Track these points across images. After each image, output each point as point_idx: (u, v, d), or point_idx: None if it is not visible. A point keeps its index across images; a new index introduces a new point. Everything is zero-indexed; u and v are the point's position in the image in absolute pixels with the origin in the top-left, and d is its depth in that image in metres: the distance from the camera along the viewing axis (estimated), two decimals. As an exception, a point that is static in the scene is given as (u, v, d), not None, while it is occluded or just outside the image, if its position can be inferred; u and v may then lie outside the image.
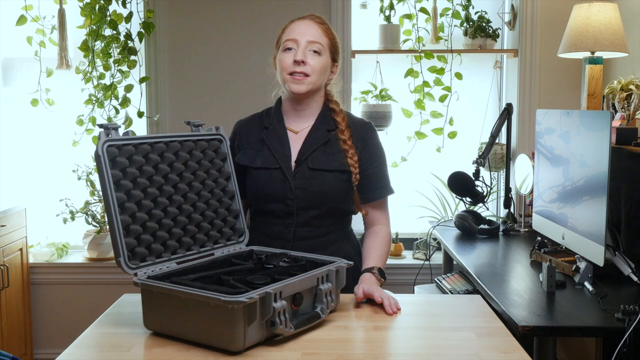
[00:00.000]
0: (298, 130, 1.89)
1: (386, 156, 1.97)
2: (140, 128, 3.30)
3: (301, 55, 1.79)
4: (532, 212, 2.56)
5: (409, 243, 3.43)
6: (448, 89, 3.25)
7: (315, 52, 1.81)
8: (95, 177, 3.24)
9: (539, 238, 2.37)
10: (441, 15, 3.24)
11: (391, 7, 3.24)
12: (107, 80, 3.15)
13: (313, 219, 1.84)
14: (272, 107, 1.95)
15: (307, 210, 1.83)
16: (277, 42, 1.88)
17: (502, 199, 3.13)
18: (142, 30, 3.15)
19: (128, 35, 3.13)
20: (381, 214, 1.92)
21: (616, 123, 2.44)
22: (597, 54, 2.70)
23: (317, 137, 1.86)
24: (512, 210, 3.05)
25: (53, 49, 3.13)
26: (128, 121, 3.17)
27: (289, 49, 1.81)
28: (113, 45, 3.13)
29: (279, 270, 1.57)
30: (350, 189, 1.87)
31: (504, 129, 3.10)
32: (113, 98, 3.16)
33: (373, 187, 1.90)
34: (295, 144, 1.87)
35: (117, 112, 3.17)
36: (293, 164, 1.84)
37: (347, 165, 1.84)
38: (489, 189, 2.95)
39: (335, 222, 1.90)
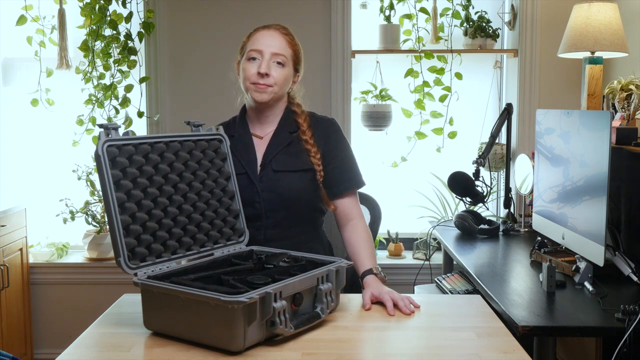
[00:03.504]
0: (263, 135, 1.92)
1: (352, 150, 1.98)
2: (140, 128, 3.30)
3: (265, 68, 1.81)
4: (532, 212, 2.56)
5: (409, 243, 3.43)
6: (448, 89, 3.25)
7: (279, 63, 1.84)
8: (95, 177, 3.24)
9: (539, 238, 2.37)
10: (441, 15, 3.24)
11: (391, 7, 3.24)
12: (107, 80, 3.15)
13: (282, 220, 1.86)
14: (237, 115, 1.98)
15: (275, 211, 1.85)
16: (242, 49, 1.90)
17: (502, 199, 3.13)
18: (142, 30, 3.15)
19: (128, 35, 3.13)
20: (352, 208, 1.91)
21: (616, 123, 2.44)
22: (597, 54, 2.70)
23: (279, 139, 1.89)
24: (512, 210, 3.05)
25: (53, 49, 3.13)
26: (128, 121, 3.17)
27: (253, 58, 1.83)
28: (113, 45, 3.13)
29: (279, 270, 1.57)
30: (316, 187, 1.88)
31: (504, 129, 3.10)
32: (113, 98, 3.16)
33: (339, 180, 1.91)
34: (260, 149, 1.90)
35: (117, 112, 3.17)
36: (258, 168, 1.86)
37: (311, 164, 1.86)
38: (489, 189, 2.95)
39: (305, 222, 1.91)
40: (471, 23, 3.26)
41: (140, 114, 3.20)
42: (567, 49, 2.72)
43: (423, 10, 3.21)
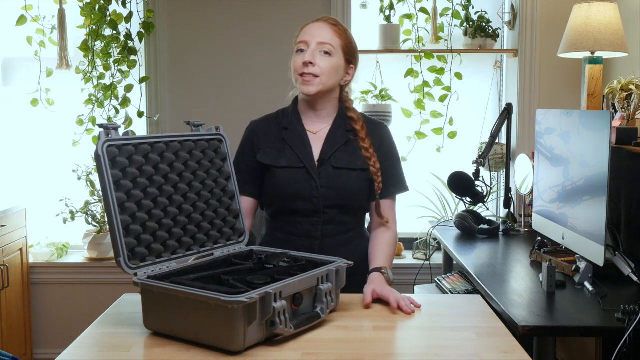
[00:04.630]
0: (316, 131, 1.91)
1: (400, 155, 2.02)
2: (140, 128, 3.30)
3: (309, 57, 1.81)
4: (532, 212, 2.56)
5: (409, 243, 3.43)
6: (448, 89, 3.25)
7: (325, 52, 1.83)
8: (95, 177, 3.24)
9: (539, 238, 2.37)
10: (441, 15, 3.24)
11: (391, 7, 3.24)
12: (107, 80, 3.15)
13: (336, 216, 1.87)
14: (287, 107, 1.97)
15: (331, 208, 1.86)
16: (294, 45, 1.91)
17: (502, 199, 3.13)
18: (142, 30, 3.15)
19: (128, 35, 3.13)
20: (389, 213, 1.93)
21: (616, 123, 2.44)
22: (597, 54, 2.70)
23: (337, 137, 1.89)
24: (512, 210, 3.05)
25: (53, 49, 3.13)
26: (128, 121, 3.17)
27: (301, 50, 1.84)
28: (113, 45, 3.13)
29: (279, 270, 1.57)
30: (370, 187, 1.89)
31: (504, 129, 3.10)
32: (113, 98, 3.16)
33: (386, 185, 1.91)
34: (316, 144, 1.89)
35: (117, 112, 3.17)
36: (316, 163, 1.86)
37: (368, 165, 1.87)
38: (489, 189, 2.95)
39: (355, 219, 1.93)
40: (471, 23, 3.26)
41: (140, 114, 3.20)
42: (567, 49, 2.72)
43: (423, 10, 3.21)
